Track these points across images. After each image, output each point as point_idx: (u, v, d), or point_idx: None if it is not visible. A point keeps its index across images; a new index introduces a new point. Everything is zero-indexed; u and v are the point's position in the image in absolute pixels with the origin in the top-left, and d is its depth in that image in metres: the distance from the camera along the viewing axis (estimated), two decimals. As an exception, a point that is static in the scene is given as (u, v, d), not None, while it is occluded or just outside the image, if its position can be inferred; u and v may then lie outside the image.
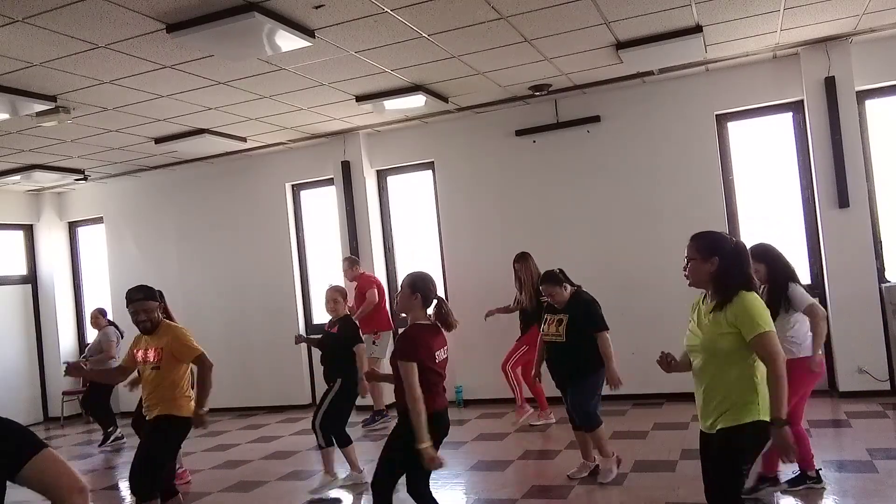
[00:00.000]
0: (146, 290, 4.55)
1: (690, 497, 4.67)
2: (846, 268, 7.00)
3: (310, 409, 9.31)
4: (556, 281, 5.25)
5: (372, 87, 7.00)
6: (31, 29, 4.73)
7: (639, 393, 7.42)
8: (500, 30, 5.67)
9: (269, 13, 4.80)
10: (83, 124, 7.21)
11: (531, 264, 7.27)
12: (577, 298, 5.25)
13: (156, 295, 4.60)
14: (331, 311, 5.92)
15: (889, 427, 6.13)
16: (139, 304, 4.48)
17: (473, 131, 8.61)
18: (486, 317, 7.65)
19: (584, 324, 5.13)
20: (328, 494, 5.56)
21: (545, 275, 5.36)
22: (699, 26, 6.03)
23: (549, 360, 5.35)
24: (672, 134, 7.77)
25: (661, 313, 7.42)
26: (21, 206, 10.73)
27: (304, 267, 9.78)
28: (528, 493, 5.15)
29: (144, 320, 4.49)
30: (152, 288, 4.62)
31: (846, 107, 6.98)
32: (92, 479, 6.87)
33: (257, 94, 6.86)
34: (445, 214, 8.83)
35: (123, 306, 4.63)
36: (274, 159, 9.62)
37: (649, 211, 7.82)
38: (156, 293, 4.61)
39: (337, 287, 6.07)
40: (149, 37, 5.07)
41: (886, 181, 7.22)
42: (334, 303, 5.88)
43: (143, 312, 4.48)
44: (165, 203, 10.37)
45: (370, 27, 5.32)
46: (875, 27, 6.64)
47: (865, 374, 6.86)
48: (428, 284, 3.85)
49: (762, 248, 4.41)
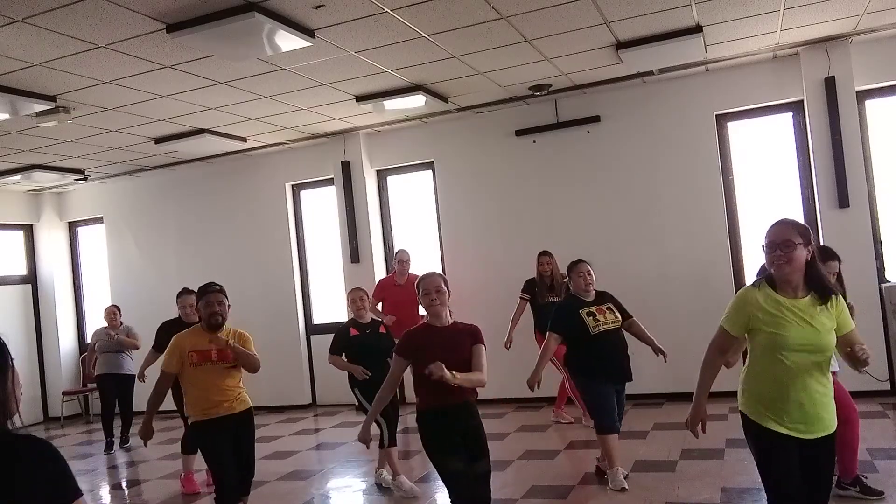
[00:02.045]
0: (220, 285, 4.55)
1: (690, 497, 4.67)
2: (846, 268, 6.94)
3: (310, 409, 9.32)
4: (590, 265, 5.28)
5: (372, 87, 7.00)
6: (31, 29, 4.73)
7: (639, 393, 7.41)
8: (500, 30, 5.67)
9: (269, 13, 4.79)
10: (83, 124, 7.21)
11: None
12: (599, 290, 5.31)
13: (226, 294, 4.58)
14: (360, 309, 5.69)
15: (889, 427, 6.13)
16: (215, 294, 4.46)
17: (473, 131, 8.61)
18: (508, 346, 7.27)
19: (622, 310, 5.23)
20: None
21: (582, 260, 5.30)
22: (699, 26, 6.03)
23: (612, 353, 5.09)
24: (672, 134, 7.77)
25: (662, 313, 7.41)
26: (21, 206, 10.73)
27: (304, 267, 9.77)
28: (528, 493, 5.15)
29: (217, 312, 4.44)
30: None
31: (846, 107, 6.98)
32: (91, 479, 6.87)
33: (257, 94, 6.86)
34: (445, 214, 8.83)
35: (125, 305, 4.63)
36: (274, 159, 9.62)
37: (649, 211, 7.82)
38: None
39: (360, 288, 6.03)
40: (149, 37, 5.07)
41: (886, 181, 7.21)
42: (361, 301, 5.71)
43: (217, 304, 4.43)
44: (165, 203, 10.37)
45: (370, 27, 5.32)
46: (875, 27, 6.64)
47: (865, 374, 6.83)
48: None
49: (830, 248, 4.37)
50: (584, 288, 5.20)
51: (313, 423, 8.52)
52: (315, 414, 9.03)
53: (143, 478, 6.81)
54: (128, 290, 10.25)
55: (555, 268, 7.24)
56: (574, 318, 5.10)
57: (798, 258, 2.84)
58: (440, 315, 3.69)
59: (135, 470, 7.20)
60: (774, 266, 2.89)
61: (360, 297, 5.73)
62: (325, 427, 8.19)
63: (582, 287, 5.20)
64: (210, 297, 4.44)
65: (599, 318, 5.10)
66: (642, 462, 5.58)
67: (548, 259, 7.30)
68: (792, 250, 2.82)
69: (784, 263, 2.85)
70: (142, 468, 7.16)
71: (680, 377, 7.74)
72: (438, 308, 3.67)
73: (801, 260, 2.85)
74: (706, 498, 4.62)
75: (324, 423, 8.42)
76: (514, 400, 7.54)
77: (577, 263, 5.28)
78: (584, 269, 5.21)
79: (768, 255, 2.90)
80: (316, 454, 7.09)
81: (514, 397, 7.49)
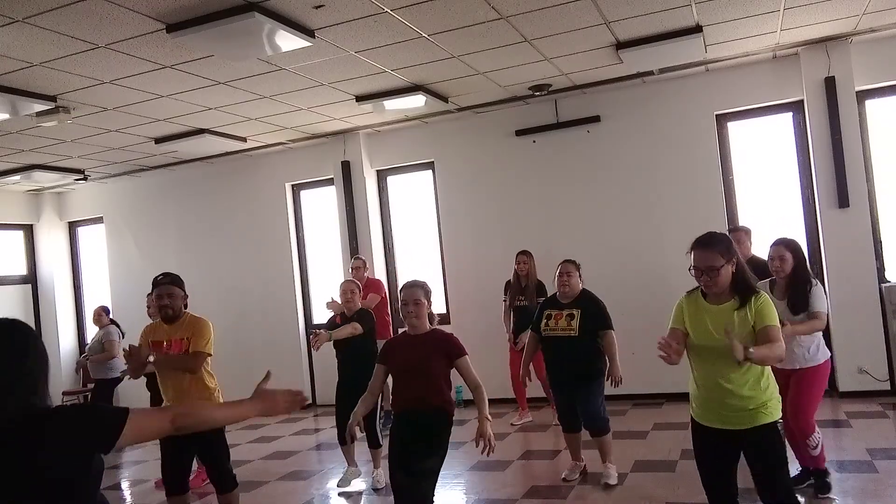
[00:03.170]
0: (173, 276, 4.47)
1: (690, 497, 4.66)
2: (846, 268, 7.00)
3: (310, 409, 9.31)
4: (577, 266, 5.19)
5: (372, 87, 7.00)
6: (31, 29, 4.73)
7: (639, 393, 7.42)
8: (500, 30, 5.67)
9: (269, 13, 4.79)
10: (83, 124, 7.21)
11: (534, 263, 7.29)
12: (587, 294, 5.17)
13: (183, 284, 4.50)
14: (347, 303, 5.65)
15: (889, 427, 6.13)
16: (165, 287, 4.38)
17: (473, 131, 8.61)
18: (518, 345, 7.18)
19: (595, 320, 5.03)
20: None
21: (568, 260, 5.24)
22: (699, 26, 6.03)
23: (555, 357, 5.16)
24: (672, 134, 7.76)
25: (662, 313, 7.37)
26: (21, 206, 10.73)
27: (304, 267, 9.78)
28: (528, 493, 5.15)
29: (167, 305, 4.36)
30: (179, 277, 4.53)
31: (846, 107, 6.98)
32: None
33: (257, 94, 6.86)
34: (445, 214, 8.83)
35: (125, 305, 4.62)
36: (274, 159, 9.62)
37: (649, 211, 7.82)
38: (183, 283, 4.52)
39: (354, 280, 6.00)
40: (149, 37, 5.07)
41: (886, 181, 7.21)
42: (351, 293, 5.65)
43: (167, 297, 4.35)
44: (165, 203, 10.37)
45: (370, 27, 5.32)
46: (875, 27, 6.64)
47: (865, 374, 6.86)
48: None
49: (793, 241, 4.43)
50: (559, 289, 5.18)
51: (313, 423, 8.52)
52: (315, 414, 9.03)
53: (143, 477, 6.80)
54: (128, 290, 10.22)
55: (531, 268, 7.26)
56: (539, 317, 5.22)
57: (725, 276, 3.06)
58: (415, 326, 3.88)
59: (134, 470, 7.19)
60: (703, 287, 3.13)
61: (350, 290, 5.70)
62: (325, 427, 8.18)
63: (558, 288, 5.19)
64: (159, 290, 4.40)
65: (550, 323, 5.12)
66: (642, 462, 5.57)
67: (524, 259, 7.29)
68: (716, 276, 3.04)
69: (711, 286, 3.09)
70: (142, 468, 7.16)
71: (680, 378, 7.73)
72: (413, 320, 3.87)
73: (728, 276, 3.06)
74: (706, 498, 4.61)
75: (324, 423, 8.41)
76: (514, 400, 7.53)
77: (560, 263, 5.25)
78: (563, 270, 5.16)
79: (696, 277, 3.14)
80: (316, 454, 7.09)
81: (514, 397, 7.49)
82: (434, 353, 3.81)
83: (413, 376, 3.79)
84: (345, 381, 5.60)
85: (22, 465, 1.79)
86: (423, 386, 3.77)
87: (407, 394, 3.82)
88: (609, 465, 5.18)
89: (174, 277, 4.47)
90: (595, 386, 5.06)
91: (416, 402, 3.78)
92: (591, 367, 5.04)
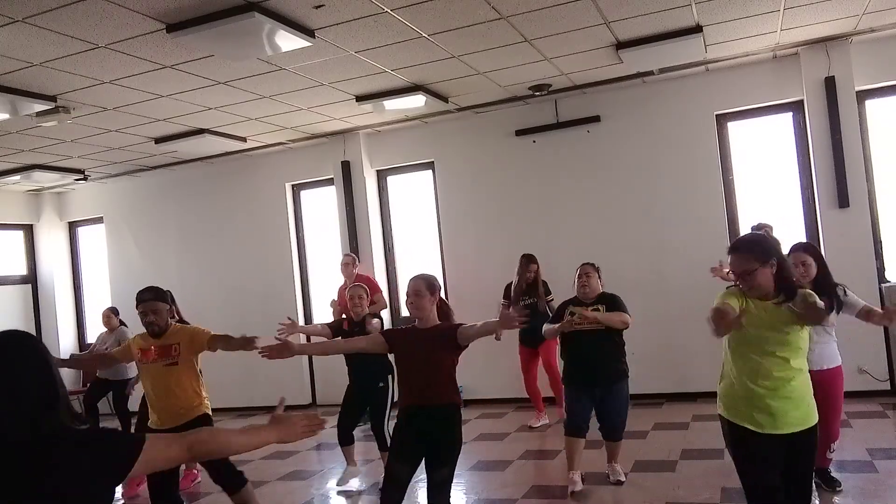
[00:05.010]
0: (156, 290, 4.39)
1: (690, 497, 4.67)
2: (846, 268, 6.96)
3: (310, 409, 9.30)
4: (597, 269, 5.18)
5: (372, 87, 7.00)
6: (31, 29, 4.73)
7: (639, 393, 7.39)
8: (500, 30, 5.67)
9: (269, 13, 4.79)
10: (83, 124, 7.21)
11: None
12: (606, 293, 5.17)
13: (167, 297, 4.45)
14: (356, 307, 5.64)
15: (889, 427, 6.14)
16: (148, 304, 4.32)
17: (473, 131, 8.61)
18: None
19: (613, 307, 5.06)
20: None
21: (587, 263, 5.24)
22: (699, 26, 6.03)
23: (579, 352, 5.02)
24: (672, 134, 7.76)
25: (661, 313, 7.41)
26: (21, 206, 10.73)
27: (304, 267, 9.77)
28: (528, 493, 5.14)
29: (152, 322, 4.32)
30: (163, 290, 4.48)
31: (846, 107, 6.98)
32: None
33: (257, 94, 6.86)
34: (445, 214, 8.83)
35: (125, 306, 4.61)
36: (274, 159, 9.62)
37: (649, 211, 7.81)
38: (167, 296, 4.46)
39: (361, 285, 6.00)
40: (149, 37, 5.07)
41: (886, 181, 7.21)
42: (359, 299, 5.65)
43: (151, 314, 4.30)
44: (165, 203, 10.37)
45: (370, 27, 5.32)
46: (875, 27, 6.64)
47: (865, 374, 6.86)
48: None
49: (811, 245, 4.45)
50: (578, 290, 5.15)
51: (313, 424, 8.50)
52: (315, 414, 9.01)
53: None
54: (128, 291, 10.07)
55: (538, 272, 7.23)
56: (560, 314, 5.15)
57: (763, 277, 2.98)
58: (418, 317, 3.87)
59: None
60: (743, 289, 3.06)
61: (358, 296, 5.70)
62: (325, 427, 8.17)
63: (577, 290, 5.16)
64: (143, 308, 4.33)
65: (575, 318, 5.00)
66: (642, 462, 5.57)
67: (534, 267, 7.22)
68: (752, 279, 2.98)
69: (750, 289, 3.02)
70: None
71: (680, 377, 7.76)
72: (413, 311, 3.86)
73: (767, 276, 2.98)
74: (706, 498, 4.62)
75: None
76: (514, 400, 7.54)
77: (579, 266, 5.24)
78: (582, 272, 5.16)
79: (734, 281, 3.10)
80: (316, 454, 7.08)
81: (513, 397, 7.49)
82: (439, 347, 3.76)
83: (418, 370, 3.76)
84: (355, 387, 5.64)
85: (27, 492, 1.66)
86: (428, 380, 3.74)
87: (413, 388, 3.79)
88: (616, 465, 5.19)
89: (157, 292, 4.39)
90: (622, 389, 5.02)
91: (421, 397, 3.75)
92: (617, 364, 5.01)
